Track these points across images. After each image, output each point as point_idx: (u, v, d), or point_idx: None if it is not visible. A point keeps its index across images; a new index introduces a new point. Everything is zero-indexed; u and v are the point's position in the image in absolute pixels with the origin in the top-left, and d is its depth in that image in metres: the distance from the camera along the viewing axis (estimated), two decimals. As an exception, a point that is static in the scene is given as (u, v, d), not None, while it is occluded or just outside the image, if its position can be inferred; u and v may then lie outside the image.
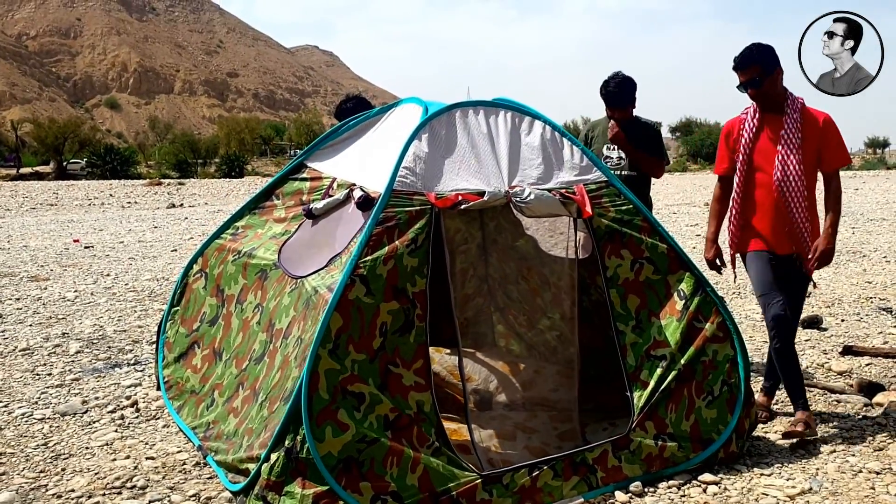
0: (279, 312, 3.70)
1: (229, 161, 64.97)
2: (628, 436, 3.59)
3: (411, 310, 3.26)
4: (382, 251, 3.27)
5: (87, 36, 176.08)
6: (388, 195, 3.39)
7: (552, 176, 3.80)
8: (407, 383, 3.18)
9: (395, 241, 3.31)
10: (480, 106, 3.87)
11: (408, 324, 3.24)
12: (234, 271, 4.28)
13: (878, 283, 8.74)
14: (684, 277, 3.88)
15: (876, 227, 15.02)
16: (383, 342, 3.17)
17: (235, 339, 4.05)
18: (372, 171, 3.80)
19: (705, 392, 3.79)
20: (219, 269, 4.43)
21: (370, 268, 3.22)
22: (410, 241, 3.33)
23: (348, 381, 3.07)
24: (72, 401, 4.79)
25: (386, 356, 3.16)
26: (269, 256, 4.06)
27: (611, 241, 3.79)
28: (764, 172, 4.20)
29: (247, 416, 3.51)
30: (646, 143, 5.08)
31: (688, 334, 3.79)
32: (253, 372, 3.70)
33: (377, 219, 3.32)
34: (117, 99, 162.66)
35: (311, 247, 3.87)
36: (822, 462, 3.82)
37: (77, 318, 7.15)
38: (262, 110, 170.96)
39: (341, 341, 3.10)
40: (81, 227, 17.08)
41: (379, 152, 3.92)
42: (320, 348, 3.06)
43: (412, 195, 3.44)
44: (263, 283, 3.99)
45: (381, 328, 3.18)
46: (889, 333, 6.37)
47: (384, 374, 3.15)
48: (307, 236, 4.01)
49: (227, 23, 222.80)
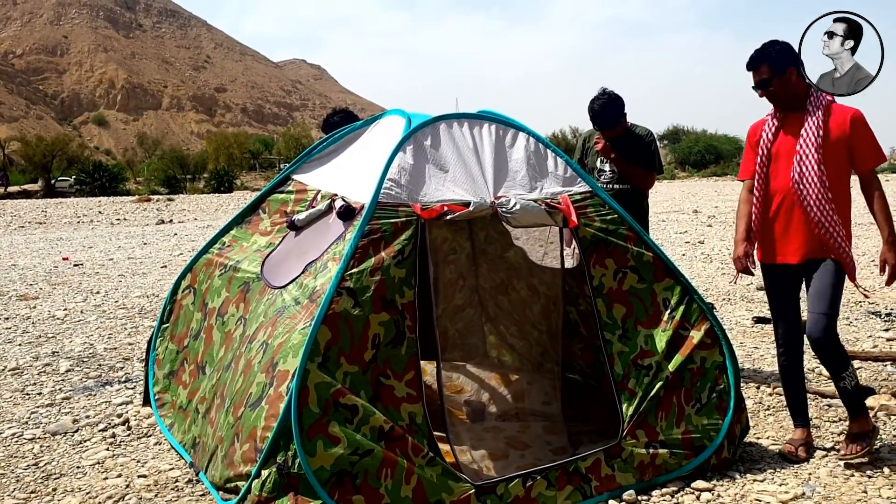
0: (252, 321, 3.71)
1: (218, 176, 64.82)
2: (620, 444, 3.60)
3: (401, 321, 3.27)
4: (369, 263, 3.28)
5: (73, 53, 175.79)
6: (373, 207, 3.40)
7: (537, 187, 3.82)
8: (399, 395, 3.19)
9: (382, 252, 3.32)
10: (465, 118, 3.89)
11: (399, 335, 3.24)
12: (220, 285, 4.28)
13: (866, 286, 8.78)
14: (670, 285, 3.89)
15: (864, 231, 15.09)
16: (375, 354, 3.18)
17: (218, 352, 4.04)
18: (355, 182, 3.82)
19: (694, 399, 3.80)
20: (206, 284, 4.43)
21: (357, 280, 3.23)
22: (397, 253, 3.33)
23: (340, 393, 3.07)
24: (62, 420, 4.77)
25: (378, 368, 3.17)
26: (252, 269, 4.07)
27: (596, 250, 3.80)
28: (782, 174, 3.98)
29: (217, 424, 3.51)
30: (639, 154, 5.11)
31: (674, 343, 3.80)
32: (224, 379, 3.70)
33: (363, 231, 3.33)
34: (105, 116, 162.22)
35: (291, 258, 3.89)
36: (815, 467, 3.83)
37: (67, 337, 7.12)
38: (250, 125, 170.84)
39: (331, 354, 3.10)
40: (70, 244, 17.02)
41: (363, 164, 3.94)
42: (308, 362, 3.05)
43: (397, 206, 3.45)
44: (246, 296, 3.99)
45: (374, 340, 3.18)
46: (878, 337, 6.40)
47: (376, 385, 3.15)
48: (289, 247, 4.03)
49: (215, 38, 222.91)
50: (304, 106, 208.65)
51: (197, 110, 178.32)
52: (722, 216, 20.43)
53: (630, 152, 5.10)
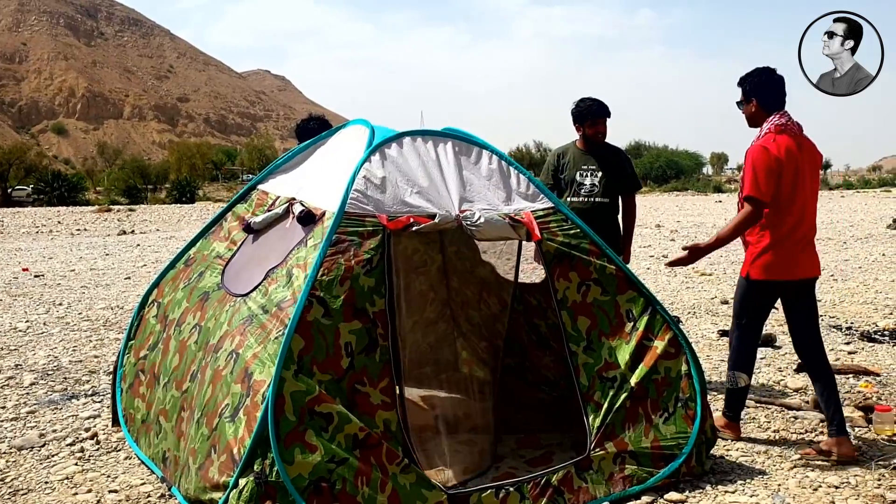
0: (213, 329, 3.70)
1: (180, 186, 64.08)
2: (589, 456, 3.65)
3: (373, 329, 3.30)
4: (338, 272, 3.32)
5: (32, 61, 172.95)
6: (339, 217, 3.43)
7: (500, 202, 3.88)
8: (374, 402, 3.22)
9: (351, 262, 3.35)
10: (429, 135, 3.96)
11: (372, 343, 3.28)
12: (181, 297, 4.27)
13: (826, 300, 8.98)
14: (633, 297, 3.96)
15: (822, 246, 15.41)
16: (351, 362, 3.21)
17: (172, 360, 4.01)
18: (317, 188, 3.87)
19: (661, 409, 3.86)
20: (170, 297, 4.41)
21: (326, 289, 3.25)
22: (365, 262, 3.37)
23: (315, 401, 3.09)
24: (28, 434, 4.69)
25: (354, 376, 3.21)
26: (213, 278, 4.08)
27: (560, 264, 3.87)
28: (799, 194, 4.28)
29: (188, 436, 3.48)
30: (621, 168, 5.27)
31: (638, 353, 3.87)
32: (191, 391, 3.68)
33: (330, 240, 3.36)
34: (64, 124, 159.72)
35: (250, 264, 3.90)
36: (783, 478, 3.91)
37: (30, 349, 6.99)
38: (213, 135, 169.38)
39: (304, 362, 3.12)
40: (30, 255, 16.70)
41: (326, 171, 4.00)
42: (284, 370, 3.07)
43: (364, 217, 3.49)
44: (204, 304, 3.99)
45: (346, 348, 3.22)
46: (840, 350, 6.55)
47: (351, 393, 3.18)
48: (247, 253, 4.05)
49: (178, 48, 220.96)
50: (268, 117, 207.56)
51: (159, 120, 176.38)
52: (684, 230, 20.72)
53: (615, 165, 5.25)
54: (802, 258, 4.28)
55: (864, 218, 23.69)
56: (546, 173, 5.45)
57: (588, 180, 5.28)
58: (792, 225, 4.21)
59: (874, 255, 13.33)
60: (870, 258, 12.99)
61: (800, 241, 4.26)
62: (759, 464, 4.11)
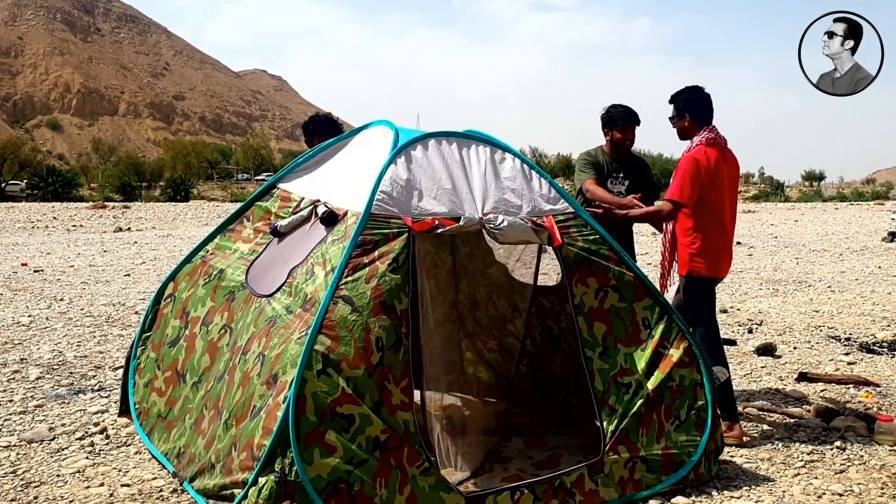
0: (241, 331, 3.73)
1: (175, 184, 64.05)
2: (602, 459, 3.69)
3: (399, 326, 3.32)
4: (363, 272, 3.33)
5: (28, 55, 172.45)
6: (366, 218, 3.46)
7: (522, 206, 3.91)
8: (395, 402, 3.23)
9: (376, 262, 3.37)
10: (454, 137, 3.98)
11: (398, 341, 3.29)
12: (204, 294, 4.28)
13: (824, 311, 9.06)
14: (650, 305, 4.00)
15: (818, 257, 15.54)
16: (381, 357, 3.22)
17: (201, 360, 4.02)
18: (341, 189, 3.88)
19: (673, 416, 3.91)
20: (188, 293, 4.42)
21: (352, 288, 3.28)
22: (392, 261, 3.39)
23: (338, 402, 3.10)
24: (38, 427, 4.70)
25: (383, 372, 3.21)
26: (237, 277, 4.09)
27: (578, 269, 3.90)
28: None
29: (213, 435, 3.50)
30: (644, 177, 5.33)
31: (654, 361, 3.91)
32: (215, 391, 3.70)
33: (356, 241, 3.39)
34: (59, 120, 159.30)
35: (275, 265, 3.92)
36: (788, 485, 3.96)
37: (34, 344, 7.00)
38: (208, 134, 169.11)
39: (330, 361, 3.13)
40: (27, 250, 16.68)
41: (349, 172, 4.01)
42: (306, 370, 3.09)
43: (389, 219, 3.51)
44: (231, 305, 4.01)
45: (377, 343, 3.22)
46: (839, 360, 6.61)
47: (381, 389, 3.19)
48: (272, 254, 4.06)
49: (175, 45, 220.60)
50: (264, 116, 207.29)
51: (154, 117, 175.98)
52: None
53: (642, 177, 5.30)
54: (725, 258, 4.81)
55: (859, 230, 23.81)
56: (589, 168, 5.28)
57: (616, 188, 5.30)
58: (719, 228, 4.71)
59: (870, 268, 13.43)
60: (866, 270, 13.08)
61: (726, 243, 4.78)
62: (764, 470, 4.16)
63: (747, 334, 7.71)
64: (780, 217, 33.44)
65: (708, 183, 4.59)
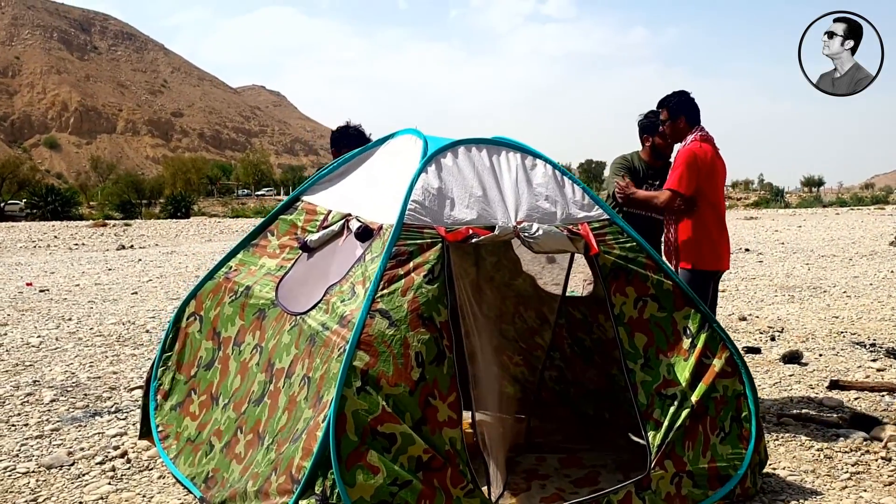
0: (279, 352, 3.60)
1: (175, 201, 63.83)
2: (648, 475, 3.56)
3: (440, 339, 3.18)
4: (399, 284, 3.22)
5: (26, 74, 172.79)
6: (399, 229, 3.35)
7: (556, 214, 3.80)
8: (441, 418, 3.09)
9: (412, 273, 3.26)
10: (483, 143, 3.87)
11: (440, 354, 3.16)
12: (232, 312, 4.15)
13: (844, 317, 8.93)
14: (690, 314, 3.88)
15: (828, 262, 15.42)
16: (422, 373, 3.08)
17: (233, 382, 3.91)
18: (371, 202, 3.76)
19: (718, 428, 3.78)
20: (215, 311, 4.30)
21: (388, 301, 3.16)
22: (427, 272, 3.27)
23: (378, 420, 2.97)
24: (56, 452, 4.56)
25: (427, 388, 3.08)
26: (266, 294, 3.96)
27: (616, 278, 3.78)
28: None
29: (252, 461, 3.37)
30: None
31: (697, 371, 3.78)
32: (252, 414, 3.57)
33: (390, 253, 3.27)
34: (57, 138, 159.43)
35: (308, 281, 3.78)
36: (837, 498, 3.83)
37: (46, 365, 6.86)
38: (207, 150, 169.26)
39: (369, 378, 3.01)
40: (31, 269, 16.54)
41: (378, 184, 3.89)
42: (345, 388, 2.96)
43: (422, 229, 3.40)
44: (262, 323, 3.88)
45: (417, 358, 3.09)
46: (868, 367, 6.48)
47: (424, 406, 3.06)
48: (304, 271, 3.93)
49: (172, 62, 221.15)
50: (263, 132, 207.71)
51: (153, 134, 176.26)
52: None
53: None
54: (725, 250, 4.97)
55: (864, 235, 23.70)
56: (623, 172, 5.20)
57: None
58: (718, 220, 4.90)
59: (882, 272, 13.31)
60: (878, 275, 12.96)
61: (725, 234, 4.97)
62: (810, 483, 4.02)
63: (770, 342, 7.58)
64: (782, 223, 33.33)
65: (706, 175, 4.80)
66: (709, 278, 4.87)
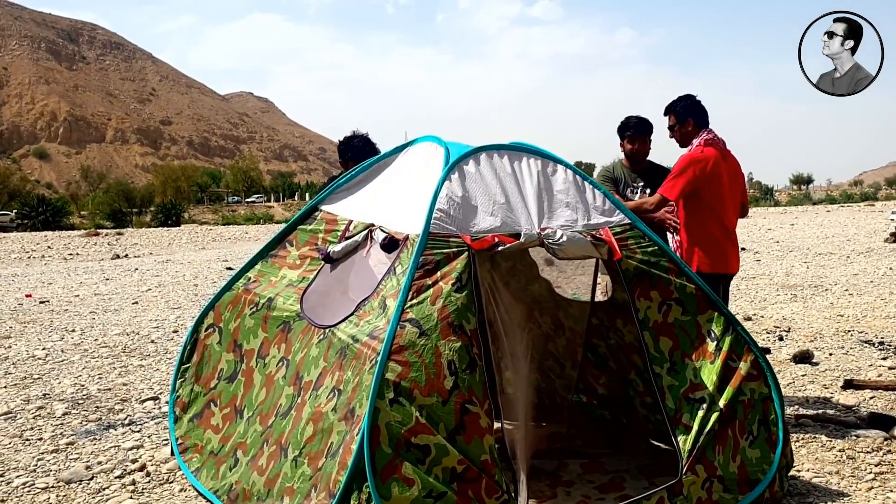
0: (307, 364, 3.57)
1: (166, 210, 63.62)
2: (681, 481, 3.54)
3: (470, 348, 3.16)
4: (428, 293, 3.20)
5: (14, 85, 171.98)
6: (425, 238, 3.33)
7: (578, 219, 3.79)
8: (483, 424, 3.07)
9: (440, 282, 3.24)
10: (504, 150, 3.86)
11: (472, 361, 3.13)
12: (253, 325, 4.12)
13: (849, 315, 8.95)
14: (713, 317, 3.87)
15: (826, 260, 15.47)
16: (455, 381, 3.05)
17: (259, 395, 3.88)
18: (395, 212, 3.74)
19: (747, 432, 3.76)
20: (235, 323, 4.26)
21: (418, 310, 3.14)
22: (455, 280, 3.25)
23: (412, 432, 2.94)
24: (74, 467, 4.52)
25: (462, 396, 3.05)
26: (290, 307, 3.92)
27: (640, 283, 3.76)
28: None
29: (276, 473, 3.34)
30: None
31: (724, 375, 3.76)
32: (278, 427, 3.54)
33: (417, 263, 3.25)
34: (46, 149, 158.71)
35: (334, 293, 3.75)
36: (865, 499, 3.82)
37: (54, 378, 6.80)
38: (196, 157, 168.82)
39: (402, 389, 2.98)
40: (28, 281, 16.43)
41: (401, 193, 3.86)
42: (378, 400, 2.93)
43: (448, 237, 3.38)
44: (287, 336, 3.85)
45: (450, 367, 3.06)
46: (879, 366, 6.49)
47: (461, 413, 3.03)
48: (328, 282, 3.89)
49: (160, 71, 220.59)
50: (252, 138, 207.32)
51: (142, 143, 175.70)
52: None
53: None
54: (732, 253, 4.96)
55: (858, 232, 23.82)
56: (606, 183, 5.21)
57: (637, 196, 5.22)
58: (720, 224, 4.88)
59: (881, 270, 13.36)
60: (878, 272, 13.01)
61: (730, 238, 4.95)
62: (835, 485, 4.02)
63: (778, 342, 7.59)
64: (774, 221, 33.47)
65: (706, 180, 4.78)
66: (716, 282, 4.81)
